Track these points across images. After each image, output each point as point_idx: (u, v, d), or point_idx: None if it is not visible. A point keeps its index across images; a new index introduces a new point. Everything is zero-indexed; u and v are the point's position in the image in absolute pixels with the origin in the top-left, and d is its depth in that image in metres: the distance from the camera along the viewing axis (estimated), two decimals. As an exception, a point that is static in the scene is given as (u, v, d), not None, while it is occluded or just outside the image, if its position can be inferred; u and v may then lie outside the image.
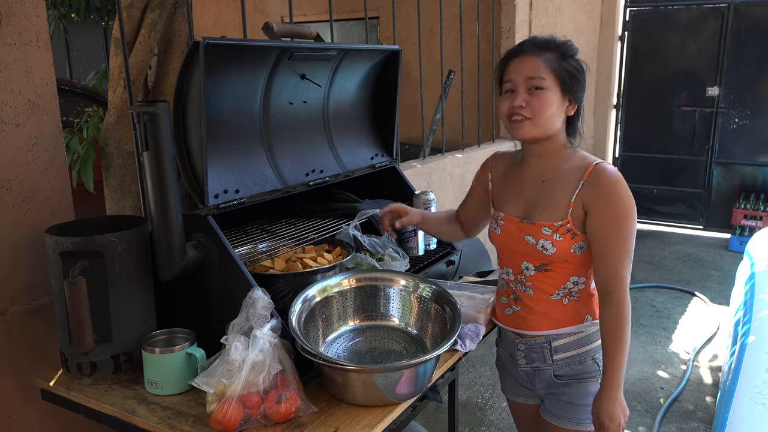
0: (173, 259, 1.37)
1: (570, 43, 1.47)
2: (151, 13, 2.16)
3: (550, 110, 1.43)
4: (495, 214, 1.58)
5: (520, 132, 1.45)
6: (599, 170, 1.42)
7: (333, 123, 1.97)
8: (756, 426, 2.10)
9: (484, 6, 4.33)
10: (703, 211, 5.94)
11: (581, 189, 1.42)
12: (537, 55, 1.43)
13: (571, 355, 1.52)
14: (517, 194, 1.54)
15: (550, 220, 1.45)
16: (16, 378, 1.61)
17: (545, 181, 1.50)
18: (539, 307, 1.51)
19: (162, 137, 1.29)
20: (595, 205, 1.40)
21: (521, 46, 1.48)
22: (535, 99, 1.42)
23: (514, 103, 1.44)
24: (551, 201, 1.46)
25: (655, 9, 5.79)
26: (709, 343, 3.70)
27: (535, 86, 1.42)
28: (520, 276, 1.53)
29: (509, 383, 1.70)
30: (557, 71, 1.42)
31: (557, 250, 1.44)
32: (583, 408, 1.52)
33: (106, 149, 2.29)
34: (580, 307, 1.51)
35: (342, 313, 1.53)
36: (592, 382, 1.52)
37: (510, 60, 1.48)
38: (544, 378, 1.56)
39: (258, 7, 6.17)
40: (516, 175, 1.58)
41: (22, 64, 1.58)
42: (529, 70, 1.42)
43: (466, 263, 2.09)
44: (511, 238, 1.52)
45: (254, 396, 1.23)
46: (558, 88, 1.43)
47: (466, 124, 4.27)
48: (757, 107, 5.51)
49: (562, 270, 1.48)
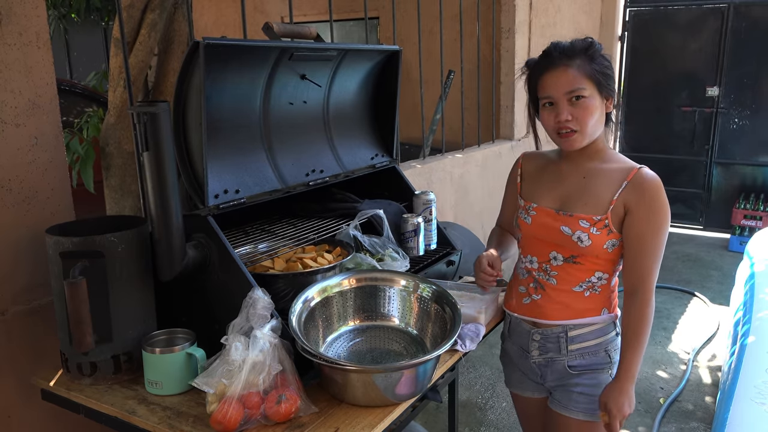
0: (173, 259, 1.37)
1: (592, 41, 1.48)
2: (151, 13, 2.16)
3: (595, 116, 1.46)
4: (525, 204, 1.60)
5: (571, 145, 1.49)
6: (643, 174, 1.47)
7: (333, 123, 1.97)
8: (756, 426, 2.10)
9: (484, 6, 4.33)
10: (703, 211, 5.94)
11: (624, 189, 1.47)
12: (569, 66, 1.44)
13: (585, 346, 1.56)
14: (552, 187, 1.57)
15: (589, 213, 1.49)
16: (17, 378, 1.61)
17: (586, 178, 1.53)
18: (560, 297, 1.55)
19: (162, 137, 1.29)
20: (637, 206, 1.45)
21: (550, 58, 1.48)
22: (578, 109, 1.45)
23: (560, 118, 1.46)
24: (592, 196, 1.50)
25: (655, 9, 5.80)
26: (709, 344, 3.70)
27: (575, 96, 1.44)
28: (546, 265, 1.56)
29: (516, 377, 1.71)
30: (592, 76, 1.44)
31: (592, 243, 1.48)
32: (593, 398, 1.55)
33: (106, 149, 2.29)
34: (599, 301, 1.55)
35: (342, 314, 1.53)
36: (604, 373, 1.56)
37: (542, 74, 1.48)
38: (557, 369, 1.59)
39: (258, 7, 6.17)
40: (552, 170, 1.61)
41: (22, 64, 1.58)
42: (567, 84, 1.44)
43: (466, 263, 2.09)
44: (543, 227, 1.55)
45: (254, 396, 1.23)
46: (596, 91, 1.46)
47: (466, 124, 4.27)
48: (757, 107, 5.51)
49: (591, 264, 1.52)
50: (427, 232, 2.00)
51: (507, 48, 4.45)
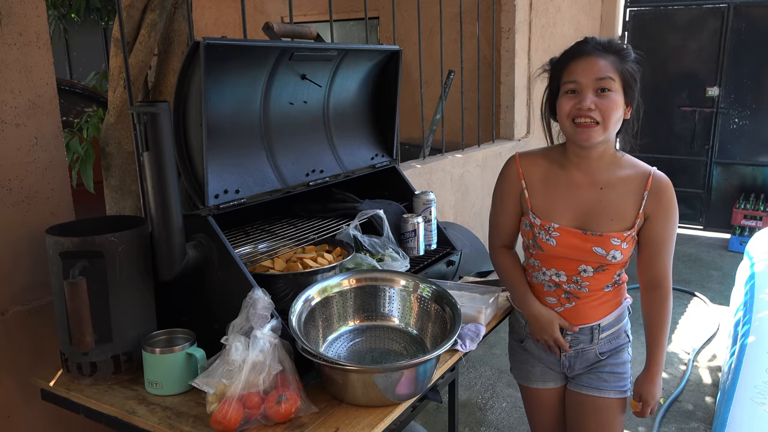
0: (173, 259, 1.37)
1: (628, 46, 1.48)
2: (151, 13, 2.16)
3: (618, 113, 1.45)
4: (544, 224, 1.55)
5: (589, 137, 1.44)
6: (659, 179, 1.53)
7: (333, 123, 1.97)
8: (756, 426, 2.10)
9: (484, 6, 4.33)
10: (703, 211, 5.94)
11: (647, 200, 1.51)
12: (603, 57, 1.43)
13: (611, 332, 1.64)
14: (569, 203, 1.54)
15: (619, 231, 1.51)
16: (16, 378, 1.61)
17: (603, 189, 1.52)
18: (593, 301, 1.60)
19: (162, 137, 1.29)
20: (656, 212, 1.51)
21: (584, 46, 1.46)
22: (603, 101, 1.42)
23: (583, 105, 1.42)
24: (616, 210, 1.51)
25: (655, 9, 5.80)
26: (709, 344, 3.70)
27: (603, 87, 1.42)
28: (576, 277, 1.57)
29: (537, 372, 1.72)
30: (622, 73, 1.44)
31: (623, 256, 1.53)
32: (621, 376, 1.64)
33: (106, 149, 2.29)
34: (620, 292, 1.65)
35: (342, 314, 1.53)
36: (624, 352, 1.66)
37: (572, 60, 1.46)
38: (587, 357, 1.65)
39: (258, 7, 6.17)
40: (562, 180, 1.56)
41: (22, 64, 1.58)
42: (598, 71, 1.42)
43: (466, 263, 2.09)
44: (572, 249, 1.53)
45: (254, 396, 1.23)
46: (622, 90, 1.45)
47: (466, 124, 4.27)
48: (757, 107, 5.51)
49: (616, 268, 1.58)
50: (427, 232, 2.00)
51: (507, 48, 4.45)
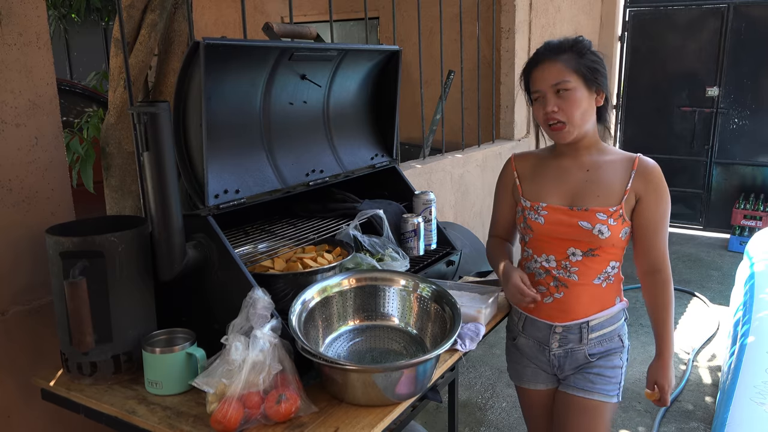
0: (173, 259, 1.37)
1: (582, 39, 1.55)
2: (151, 13, 2.17)
3: (581, 108, 1.52)
4: (533, 205, 1.62)
5: (563, 138, 1.55)
6: (646, 162, 1.57)
7: (333, 123, 1.97)
8: (755, 426, 2.10)
9: (484, 6, 4.33)
10: (703, 211, 5.94)
11: (634, 178, 1.55)
12: (555, 60, 1.52)
13: (603, 333, 1.63)
14: (557, 184, 1.61)
15: (604, 206, 1.54)
16: (17, 378, 1.62)
17: (590, 171, 1.59)
18: (583, 292, 1.59)
19: (162, 137, 1.29)
20: (646, 193, 1.54)
21: (538, 55, 1.57)
22: (564, 101, 1.52)
23: (547, 109, 1.53)
24: (602, 188, 1.56)
25: (655, 9, 5.80)
26: (709, 344, 3.70)
27: (561, 89, 1.51)
28: (565, 261, 1.59)
29: (529, 372, 1.73)
30: (578, 69, 1.51)
31: (611, 234, 1.54)
32: (609, 380, 1.63)
33: (106, 149, 2.29)
34: (613, 291, 1.63)
35: (342, 313, 1.53)
36: (617, 357, 1.65)
37: (531, 71, 1.57)
38: (576, 358, 1.64)
39: (258, 8, 6.17)
40: (551, 167, 1.64)
41: (23, 64, 1.58)
42: (552, 77, 1.52)
43: (466, 263, 2.09)
44: (559, 225, 1.57)
45: (254, 396, 1.23)
46: (583, 85, 1.52)
47: (466, 125, 4.27)
48: (757, 107, 5.51)
49: (606, 255, 1.57)
50: (427, 232, 2.00)
51: (507, 48, 4.45)
